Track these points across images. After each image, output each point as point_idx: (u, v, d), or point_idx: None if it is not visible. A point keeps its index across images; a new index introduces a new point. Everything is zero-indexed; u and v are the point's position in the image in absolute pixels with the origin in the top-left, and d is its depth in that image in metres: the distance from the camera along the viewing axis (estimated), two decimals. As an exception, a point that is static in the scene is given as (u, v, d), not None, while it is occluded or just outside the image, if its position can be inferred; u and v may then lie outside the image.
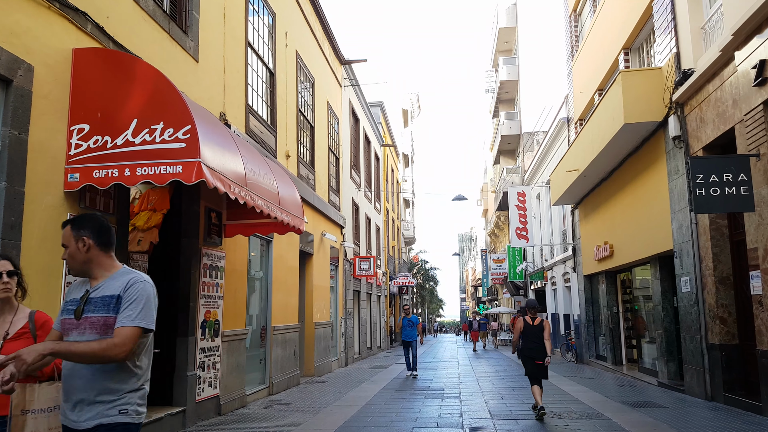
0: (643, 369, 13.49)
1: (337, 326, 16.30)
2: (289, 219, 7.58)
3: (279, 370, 10.70)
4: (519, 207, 18.55)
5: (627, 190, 12.93)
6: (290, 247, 11.71)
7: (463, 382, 12.44)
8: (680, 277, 10.03)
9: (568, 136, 18.45)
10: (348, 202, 18.43)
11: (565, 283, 20.49)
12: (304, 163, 12.99)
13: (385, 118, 28.27)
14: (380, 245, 25.87)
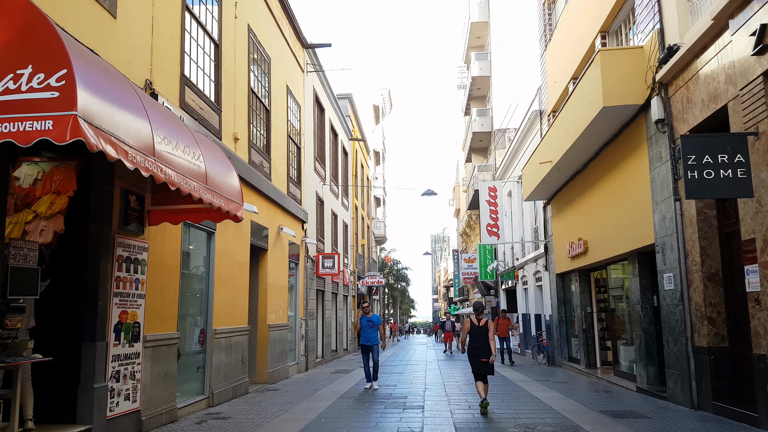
0: (620, 373, 12.71)
1: (296, 328, 15.16)
2: (222, 203, 6.47)
3: (221, 379, 9.53)
4: (490, 203, 17.70)
5: (603, 183, 12.13)
6: (238, 241, 10.55)
7: (429, 389, 11.46)
8: (663, 273, 9.22)
9: (540, 129, 17.66)
10: (311, 195, 17.31)
11: (536, 282, 19.73)
12: (257, 148, 11.84)
13: (354, 111, 27.20)
14: (348, 243, 24.78)
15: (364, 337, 11.53)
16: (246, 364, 10.76)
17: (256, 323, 12.19)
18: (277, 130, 13.44)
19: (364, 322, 11.56)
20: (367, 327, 11.49)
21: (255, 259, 12.21)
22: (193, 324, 9.10)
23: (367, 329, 11.49)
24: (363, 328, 11.53)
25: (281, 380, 12.97)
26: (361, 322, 11.59)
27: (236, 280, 10.36)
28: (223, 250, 9.76)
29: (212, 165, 6.44)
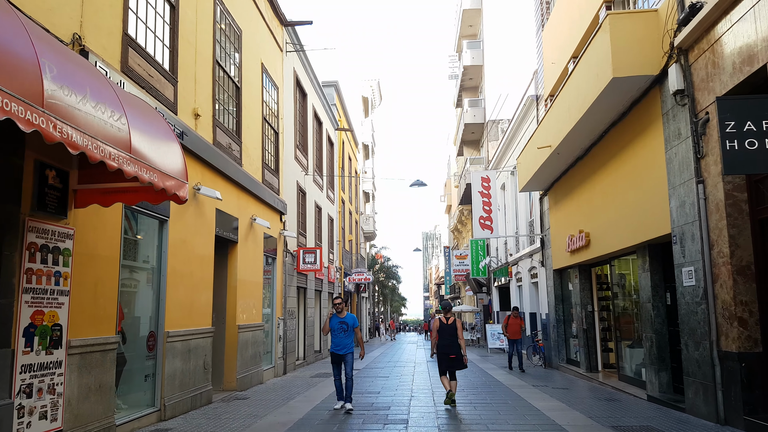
0: (625, 377, 11.61)
1: (273, 329, 13.95)
2: (154, 178, 5.24)
3: (176, 388, 8.31)
4: (483, 194, 16.56)
5: (609, 169, 11.01)
6: (200, 231, 9.32)
7: (416, 397, 10.29)
8: (681, 267, 8.10)
9: (537, 114, 16.54)
10: (291, 185, 16.09)
11: (531, 279, 18.63)
12: (224, 128, 10.60)
13: (340, 100, 25.96)
14: (333, 238, 23.57)
15: (335, 343, 8.79)
16: (209, 370, 9.54)
17: (224, 324, 10.97)
18: (249, 110, 12.20)
19: (336, 324, 8.78)
20: (339, 330, 8.73)
21: (222, 252, 10.98)
22: (140, 326, 7.87)
23: (339, 333, 8.72)
24: (334, 331, 8.79)
25: (254, 386, 11.76)
26: (332, 323, 8.83)
27: (197, 275, 9.13)
28: (179, 240, 8.53)
29: (142, 131, 5.21)
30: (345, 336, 8.75)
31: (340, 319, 8.84)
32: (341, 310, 8.99)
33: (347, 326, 8.79)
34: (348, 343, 8.77)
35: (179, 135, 8.35)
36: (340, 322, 8.80)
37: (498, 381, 12.53)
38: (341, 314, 8.93)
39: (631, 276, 11.99)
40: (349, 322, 8.83)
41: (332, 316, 8.95)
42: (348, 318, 8.90)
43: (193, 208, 9.07)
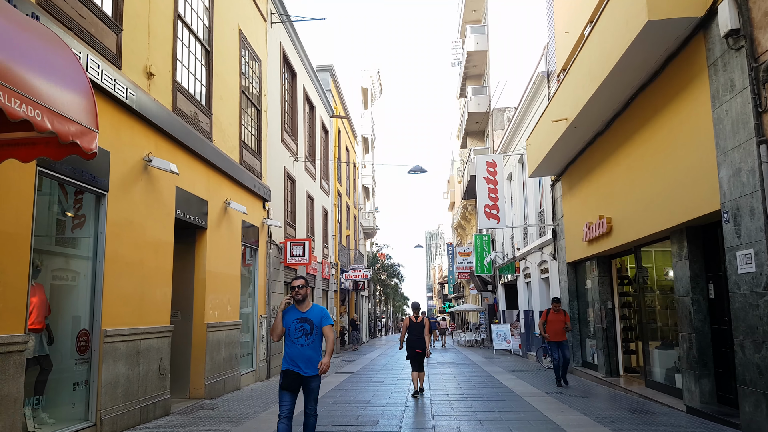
0: (654, 384, 10.09)
1: (255, 328, 12.48)
2: (40, 117, 3.77)
3: (119, 398, 6.84)
4: (488, 179, 15.06)
5: (635, 142, 9.50)
6: (153, 212, 7.85)
7: (412, 407, 8.80)
8: (735, 251, 6.58)
9: (548, 92, 15.03)
10: (277, 170, 14.63)
11: (541, 275, 17.10)
12: (188, 95, 9.14)
13: (336, 86, 24.49)
14: (328, 232, 22.10)
15: (291, 354, 5.21)
16: (166, 375, 8.06)
17: (190, 322, 9.51)
18: (223, 80, 10.74)
19: (293, 322, 5.27)
20: (299, 332, 5.22)
21: (187, 239, 9.53)
22: (69, 323, 6.41)
23: (299, 337, 5.21)
24: (289, 333, 5.27)
25: (228, 393, 10.29)
26: (286, 319, 5.32)
27: (149, 264, 7.66)
28: (123, 221, 7.06)
29: (28, 57, 3.76)
30: (308, 343, 5.15)
31: (300, 313, 5.27)
32: (303, 298, 5.30)
33: (312, 327, 5.21)
34: (312, 355, 5.15)
35: (123, 95, 6.91)
36: (301, 319, 5.23)
37: (506, 387, 11.03)
38: (302, 306, 5.32)
39: (654, 267, 10.48)
40: (315, 320, 5.24)
41: (288, 308, 5.37)
42: (313, 313, 5.29)
43: (144, 183, 7.60)
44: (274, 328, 5.37)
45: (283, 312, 5.35)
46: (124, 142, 7.13)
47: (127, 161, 7.19)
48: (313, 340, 5.21)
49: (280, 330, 5.31)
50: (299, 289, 5.32)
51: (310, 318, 5.28)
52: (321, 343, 5.29)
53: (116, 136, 6.96)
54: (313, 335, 5.22)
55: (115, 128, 6.95)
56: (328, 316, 5.40)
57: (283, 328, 5.30)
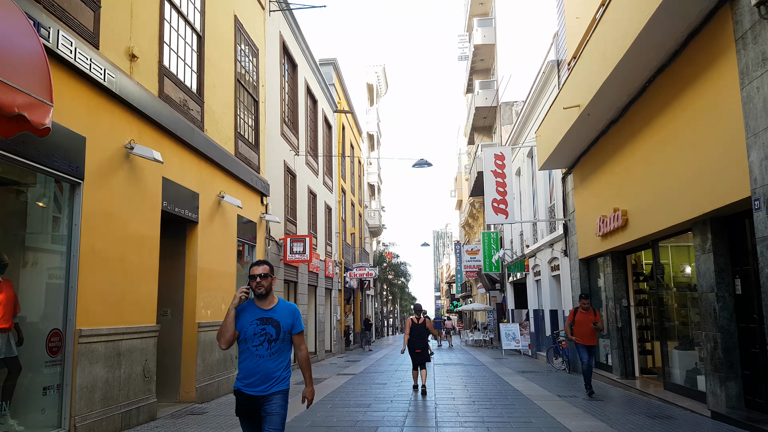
0: (673, 386, 9.47)
1: (252, 327, 11.95)
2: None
3: (97, 402, 6.34)
4: (496, 173, 14.47)
5: (653, 128, 8.89)
6: (137, 203, 7.34)
7: (415, 412, 8.25)
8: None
9: (558, 81, 14.42)
10: (276, 165, 14.12)
11: (552, 272, 16.48)
12: (176, 80, 8.63)
13: (339, 80, 23.96)
14: (332, 229, 21.58)
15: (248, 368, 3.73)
16: (151, 378, 7.56)
17: (180, 321, 9.00)
18: (216, 67, 10.24)
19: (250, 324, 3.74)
20: (259, 338, 3.72)
21: (177, 234, 9.03)
22: (40, 323, 5.92)
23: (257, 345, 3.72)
24: (246, 339, 3.73)
25: (222, 396, 9.79)
26: (242, 321, 3.76)
27: (131, 259, 7.15)
28: (101, 213, 6.55)
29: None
30: (271, 353, 3.72)
31: (262, 312, 3.78)
32: (266, 292, 3.79)
33: (277, 331, 3.74)
34: (275, 369, 3.71)
35: (100, 76, 6.40)
36: (263, 320, 3.74)
37: (516, 390, 10.44)
38: (265, 302, 3.81)
39: (670, 263, 9.87)
40: (283, 322, 3.76)
41: (244, 304, 3.83)
42: (280, 312, 3.81)
43: (126, 172, 7.10)
44: (221, 330, 3.72)
45: (237, 309, 3.75)
46: (102, 128, 6.62)
47: (106, 148, 6.68)
48: (278, 350, 3.70)
49: (231, 333, 3.69)
50: (261, 280, 3.73)
51: (276, 319, 3.73)
52: (289, 353, 3.81)
53: (93, 120, 6.45)
54: (278, 342, 3.70)
55: (92, 112, 6.44)
56: (300, 320, 3.87)
57: (236, 331, 3.71)
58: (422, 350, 10.16)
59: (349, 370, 14.63)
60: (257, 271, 3.80)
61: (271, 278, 3.86)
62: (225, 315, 3.79)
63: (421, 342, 10.22)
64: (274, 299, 3.87)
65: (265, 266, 3.83)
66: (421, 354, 10.17)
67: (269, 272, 3.85)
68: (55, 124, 5.75)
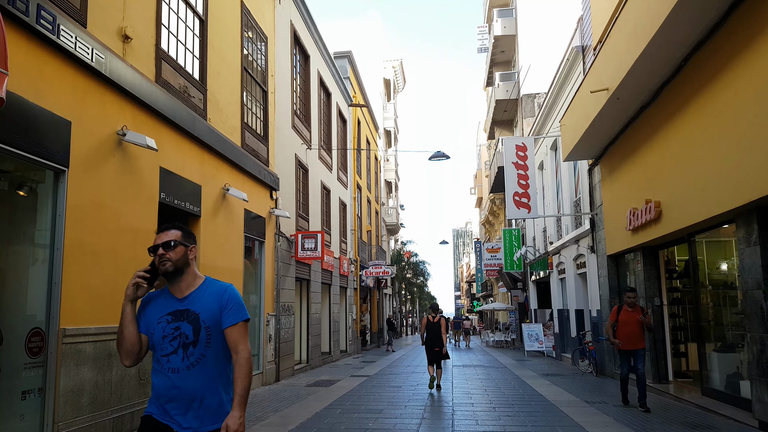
0: (712, 392, 8.72)
1: (261, 327, 11.48)
2: None
3: (86, 407, 5.87)
4: (518, 165, 13.76)
5: (689, 112, 8.15)
6: (130, 194, 6.87)
7: (429, 419, 7.64)
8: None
9: (583, 67, 13.67)
10: (287, 158, 13.62)
11: (578, 270, 15.72)
12: (175, 65, 8.15)
13: (355, 73, 23.41)
14: (347, 226, 21.06)
15: (159, 387, 2.49)
16: (148, 381, 7.07)
17: (182, 320, 8.51)
18: (221, 54, 9.75)
19: (159, 322, 2.51)
20: (170, 340, 2.48)
21: (178, 227, 8.54)
22: (20, 322, 5.46)
23: (170, 352, 2.47)
24: (156, 346, 2.50)
25: (228, 399, 9.29)
26: (147, 318, 2.56)
27: (125, 254, 6.68)
28: (89, 204, 6.08)
29: None
30: (188, 364, 2.47)
31: (174, 302, 2.55)
32: (175, 269, 2.53)
33: (196, 329, 2.49)
34: (198, 389, 2.48)
35: (87, 56, 5.93)
36: (175, 314, 2.51)
37: (540, 395, 9.77)
38: (178, 286, 2.57)
39: (705, 260, 9.11)
40: (205, 314, 2.51)
41: (150, 295, 2.64)
42: (201, 299, 2.54)
43: (118, 161, 6.62)
44: (119, 338, 2.53)
45: (142, 302, 2.60)
46: (90, 112, 6.15)
47: (95, 134, 6.21)
48: (200, 358, 2.46)
49: (130, 341, 2.50)
50: (167, 251, 2.50)
51: (194, 310, 2.49)
52: (226, 362, 2.53)
53: (80, 104, 5.98)
54: (200, 346, 2.46)
55: (78, 95, 5.97)
56: (237, 305, 2.54)
57: (142, 336, 2.54)
58: (440, 348, 10.51)
59: (364, 372, 14.07)
60: (160, 239, 2.53)
61: (187, 248, 2.57)
62: (122, 315, 2.53)
63: (438, 340, 10.54)
64: (194, 280, 2.58)
65: (174, 231, 2.56)
66: (439, 352, 10.49)
67: (182, 239, 2.55)
68: (34, 106, 5.30)
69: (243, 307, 2.58)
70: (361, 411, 8.13)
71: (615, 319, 8.55)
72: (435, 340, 10.56)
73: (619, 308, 8.65)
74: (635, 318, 8.37)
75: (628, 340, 8.36)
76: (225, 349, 2.55)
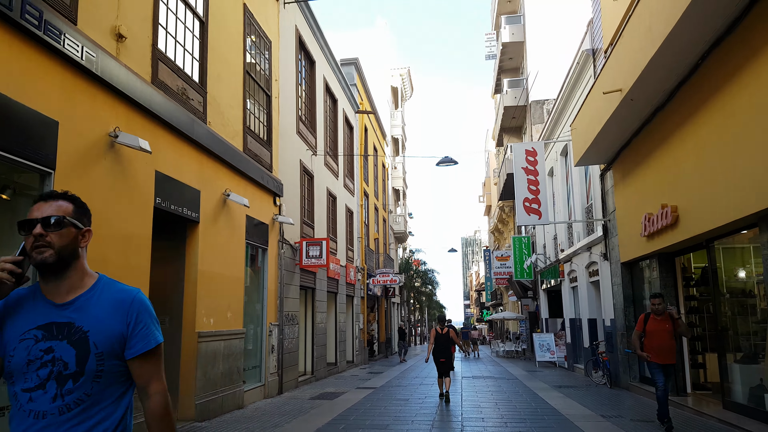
0: (734, 406, 8.26)
1: (264, 337, 11.16)
2: None
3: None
4: (528, 170, 13.39)
5: (708, 111, 7.79)
6: (123, 198, 6.59)
7: (439, 428, 7.27)
8: None
9: (594, 71, 13.33)
10: (291, 164, 13.35)
11: (590, 278, 15.28)
12: (173, 67, 7.91)
13: (362, 80, 23.20)
14: (353, 234, 20.74)
15: None
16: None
17: (179, 331, 8.22)
18: (222, 57, 9.51)
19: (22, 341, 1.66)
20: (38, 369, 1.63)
21: (175, 234, 8.28)
22: None
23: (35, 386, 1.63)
24: (15, 375, 1.65)
25: (227, 413, 8.96)
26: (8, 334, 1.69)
27: (115, 261, 6.39)
28: (78, 206, 5.80)
29: None
30: (62, 406, 1.62)
31: (51, 309, 1.71)
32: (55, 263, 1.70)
33: (78, 356, 1.65)
34: None
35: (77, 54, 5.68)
36: (45, 330, 1.67)
37: (553, 409, 9.34)
38: (59, 288, 1.73)
39: (722, 267, 8.69)
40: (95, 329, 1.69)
41: (15, 296, 1.75)
42: (90, 307, 1.72)
43: (109, 163, 6.36)
44: None
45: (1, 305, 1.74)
46: (80, 113, 5.90)
47: (84, 135, 5.95)
48: (80, 400, 1.65)
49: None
50: (47, 232, 1.71)
51: (81, 326, 1.70)
52: (117, 407, 1.72)
53: (68, 103, 5.73)
54: (83, 382, 1.66)
55: (67, 94, 5.72)
56: (149, 321, 1.80)
57: None
58: (446, 359, 10.65)
59: (370, 383, 13.69)
60: (39, 211, 1.73)
61: (79, 231, 1.78)
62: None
63: (446, 352, 10.71)
64: (83, 280, 1.78)
65: (62, 203, 1.78)
66: (446, 363, 10.65)
67: (73, 216, 1.77)
68: (18, 105, 5.05)
69: (157, 324, 1.80)
70: (365, 427, 7.76)
71: (642, 329, 7.59)
72: (442, 352, 10.77)
73: (647, 317, 7.66)
74: (665, 327, 7.41)
75: (658, 353, 7.37)
76: (125, 387, 1.74)
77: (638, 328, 7.66)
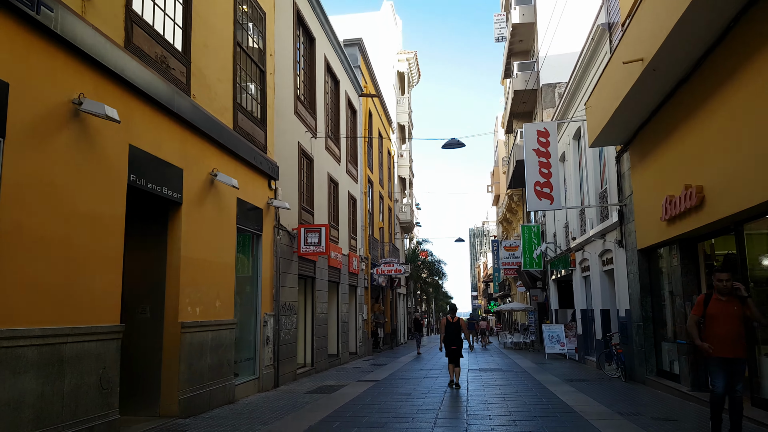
0: (763, 402, 7.55)
1: (258, 328, 10.55)
2: None
3: (27, 424, 4.95)
4: (539, 152, 12.63)
5: (738, 81, 7.02)
6: (88, 173, 5.94)
7: (442, 426, 6.62)
8: None
9: (610, 46, 12.51)
10: (290, 146, 12.68)
11: (603, 266, 14.53)
12: (152, 32, 7.23)
13: (366, 62, 22.41)
14: (357, 222, 20.07)
15: None
16: (112, 390, 6.15)
17: (161, 321, 7.60)
18: (209, 25, 8.82)
19: None
20: None
21: (156, 217, 7.65)
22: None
23: None
24: None
25: (215, 408, 8.36)
26: None
27: (80, 243, 5.76)
28: (34, 182, 5.17)
29: None
30: None
31: None
32: None
33: None
34: None
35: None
36: None
37: (565, 404, 8.67)
38: None
39: (745, 252, 7.95)
40: None
41: None
42: None
43: (74, 133, 5.71)
44: None
45: None
46: (36, 75, 5.25)
47: (42, 101, 5.30)
48: None
49: None
50: None
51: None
52: None
53: (20, 64, 5.08)
54: None
55: (19, 54, 5.07)
56: None
57: None
58: (457, 347, 11.01)
59: (372, 376, 13.07)
60: None
61: None
62: None
63: (457, 339, 11.03)
64: None
65: None
66: (456, 350, 10.99)
67: None
68: (-46, 61, 4.38)
69: None
70: (362, 425, 7.12)
71: (701, 313, 6.02)
72: (453, 340, 11.02)
73: (707, 298, 6.06)
74: (732, 311, 5.82)
75: (723, 344, 5.81)
76: None
77: (696, 312, 6.08)
